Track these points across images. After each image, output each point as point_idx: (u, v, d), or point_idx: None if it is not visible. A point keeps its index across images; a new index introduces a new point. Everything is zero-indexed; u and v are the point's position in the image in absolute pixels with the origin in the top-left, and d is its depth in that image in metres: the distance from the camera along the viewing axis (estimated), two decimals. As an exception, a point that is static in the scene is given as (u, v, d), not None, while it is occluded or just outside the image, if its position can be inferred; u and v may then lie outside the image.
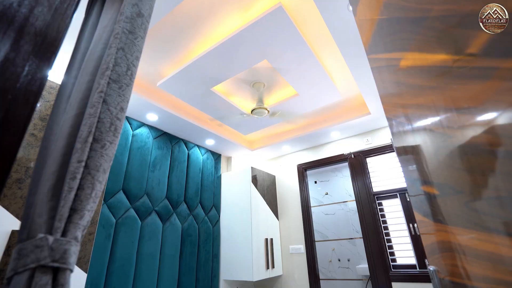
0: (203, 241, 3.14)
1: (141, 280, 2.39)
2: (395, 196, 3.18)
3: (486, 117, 0.32)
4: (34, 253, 0.40)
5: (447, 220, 0.49)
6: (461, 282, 0.49)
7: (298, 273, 3.40)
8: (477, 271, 0.40)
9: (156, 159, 2.87)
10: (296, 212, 3.69)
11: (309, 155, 3.85)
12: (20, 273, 0.39)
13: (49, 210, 0.43)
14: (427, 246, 0.68)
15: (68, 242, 0.43)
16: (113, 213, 2.34)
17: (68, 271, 0.42)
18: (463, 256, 0.45)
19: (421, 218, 0.69)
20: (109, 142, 0.53)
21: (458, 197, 0.41)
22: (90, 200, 0.47)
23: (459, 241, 0.45)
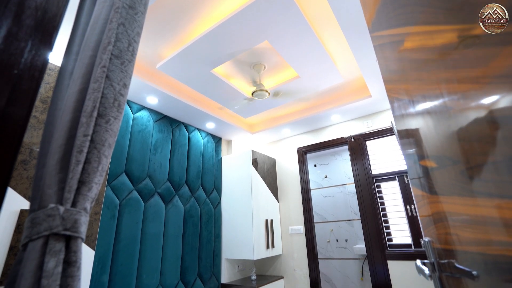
0: (205, 222, 3.22)
1: (146, 259, 2.47)
2: (394, 179, 3.22)
3: (489, 100, 0.32)
4: (46, 221, 0.42)
5: (443, 191, 0.51)
6: (453, 249, 0.52)
7: (297, 252, 3.51)
8: (469, 236, 0.42)
9: (157, 142, 2.89)
10: (296, 195, 3.75)
11: (309, 138, 3.86)
12: (35, 240, 0.41)
13: (58, 182, 0.45)
14: (423, 219, 0.71)
15: (78, 213, 0.45)
16: (117, 195, 2.39)
17: (79, 240, 0.44)
18: (456, 224, 0.47)
19: (419, 192, 0.71)
20: (113, 118, 0.53)
21: (454, 168, 0.42)
22: (97, 173, 0.49)
23: (453, 210, 0.47)
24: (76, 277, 0.42)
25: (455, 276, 0.54)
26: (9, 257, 1.29)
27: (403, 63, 0.60)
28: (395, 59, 0.66)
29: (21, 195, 1.39)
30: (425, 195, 0.64)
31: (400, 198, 3.11)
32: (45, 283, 0.39)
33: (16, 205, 1.37)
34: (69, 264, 0.42)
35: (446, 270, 0.58)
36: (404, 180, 3.16)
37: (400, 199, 3.10)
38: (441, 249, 0.58)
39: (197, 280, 2.94)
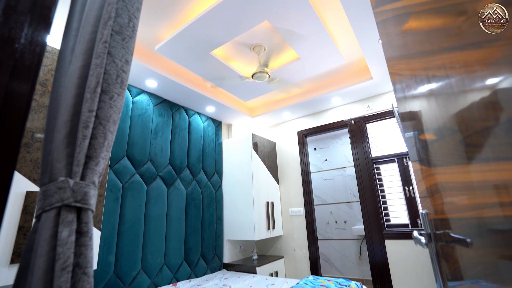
0: (207, 204, 3.28)
1: (150, 240, 2.54)
2: (393, 161, 3.25)
3: (494, 81, 0.32)
4: (57, 193, 0.43)
5: (441, 162, 0.52)
6: (448, 217, 0.54)
7: (297, 233, 3.60)
8: (464, 202, 0.44)
9: (158, 126, 2.89)
10: (296, 178, 3.80)
11: (309, 121, 3.86)
12: (48, 211, 0.43)
13: (66, 157, 0.46)
14: (421, 193, 0.73)
15: (87, 186, 0.46)
16: (119, 178, 2.42)
17: (90, 211, 0.46)
18: (453, 192, 0.49)
19: (418, 167, 0.72)
20: (116, 94, 0.54)
21: (453, 137, 0.43)
22: (104, 148, 0.50)
23: (450, 179, 0.49)
24: (89, 246, 0.44)
25: (449, 245, 0.56)
26: (19, 236, 1.33)
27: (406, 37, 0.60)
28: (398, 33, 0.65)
29: (26, 177, 1.41)
30: (423, 169, 0.66)
31: (399, 180, 3.15)
32: (60, 250, 0.40)
33: (22, 187, 1.39)
34: (81, 234, 0.44)
35: (441, 239, 0.60)
36: (403, 162, 3.19)
37: (398, 181, 3.14)
38: (437, 220, 0.61)
39: (200, 260, 3.04)
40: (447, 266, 0.58)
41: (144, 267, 2.45)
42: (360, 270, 4.16)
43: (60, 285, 0.39)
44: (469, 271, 0.48)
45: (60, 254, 0.40)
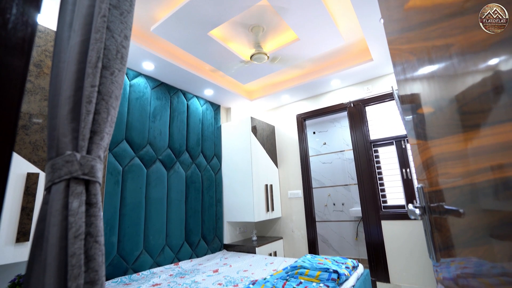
0: (207, 187, 3.32)
1: (151, 221, 2.59)
2: (391, 144, 3.28)
3: (493, 46, 0.32)
4: (65, 167, 0.44)
5: (437, 134, 0.54)
6: (442, 189, 0.56)
7: (296, 215, 3.68)
8: (458, 171, 0.46)
9: (156, 109, 2.87)
10: (294, 161, 3.83)
11: (308, 105, 3.85)
12: (57, 183, 0.44)
13: (72, 131, 0.46)
14: (418, 168, 0.75)
15: (94, 159, 0.47)
16: (119, 161, 2.43)
17: (97, 184, 0.47)
18: (448, 163, 0.50)
19: (415, 142, 0.74)
20: (117, 70, 0.54)
21: (450, 107, 0.44)
22: (107, 124, 0.50)
23: (446, 150, 0.50)
24: (99, 216, 0.46)
25: (443, 217, 0.58)
26: (22, 216, 1.35)
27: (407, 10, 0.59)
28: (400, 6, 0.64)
29: (26, 159, 1.42)
30: (420, 143, 0.67)
31: (397, 162, 3.19)
32: (71, 220, 0.42)
33: (23, 168, 1.40)
34: (91, 205, 0.45)
35: (435, 211, 0.63)
36: (401, 145, 3.21)
37: (396, 163, 3.19)
38: (432, 192, 0.63)
39: (201, 241, 3.12)
40: (439, 236, 0.61)
41: (147, 248, 2.52)
42: (357, 250, 4.29)
43: (74, 251, 0.41)
44: (460, 238, 0.51)
45: (72, 223, 0.42)
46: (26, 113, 1.48)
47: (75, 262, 0.41)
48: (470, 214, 0.44)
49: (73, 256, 0.41)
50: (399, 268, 2.84)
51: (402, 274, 2.81)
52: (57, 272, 0.40)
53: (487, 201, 0.36)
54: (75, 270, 0.41)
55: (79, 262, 0.41)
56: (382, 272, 2.93)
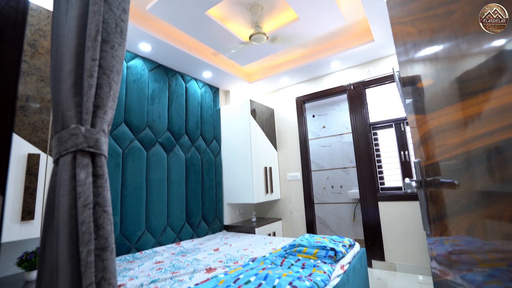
0: (206, 170, 3.36)
1: (153, 203, 2.64)
2: (390, 126, 3.29)
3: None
4: (71, 139, 0.45)
5: (436, 106, 0.55)
6: (439, 161, 0.57)
7: (294, 197, 3.75)
8: (455, 141, 0.47)
9: (154, 92, 2.85)
10: (294, 144, 3.85)
11: (308, 87, 3.82)
12: (64, 156, 0.45)
13: (75, 106, 0.47)
14: (415, 143, 0.76)
15: (98, 133, 0.48)
16: (119, 144, 2.44)
17: (103, 157, 0.48)
18: (446, 134, 0.52)
19: (413, 118, 0.75)
20: (117, 44, 0.53)
21: (450, 76, 0.44)
22: (110, 98, 0.50)
23: (444, 121, 0.51)
24: (106, 187, 0.47)
25: (438, 190, 0.60)
26: (26, 196, 1.38)
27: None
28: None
29: (26, 140, 1.43)
30: (419, 118, 0.68)
31: (395, 145, 3.22)
32: (80, 190, 0.43)
33: (23, 149, 1.41)
34: (97, 177, 0.47)
35: (431, 185, 0.65)
36: (400, 128, 3.23)
37: (395, 146, 3.21)
38: (428, 166, 0.65)
39: (201, 222, 3.19)
40: (434, 208, 0.64)
41: (149, 228, 2.58)
42: (354, 231, 4.41)
43: (84, 219, 0.42)
44: (453, 207, 0.53)
45: (81, 193, 0.43)
46: (23, 94, 1.47)
47: (85, 229, 0.43)
48: (464, 182, 0.46)
49: (83, 223, 0.43)
50: (394, 247, 2.93)
51: (396, 253, 2.91)
52: (69, 237, 0.42)
53: (481, 166, 0.38)
54: (85, 236, 0.42)
55: (89, 229, 0.43)
56: (377, 251, 3.03)
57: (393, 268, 2.90)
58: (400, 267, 2.86)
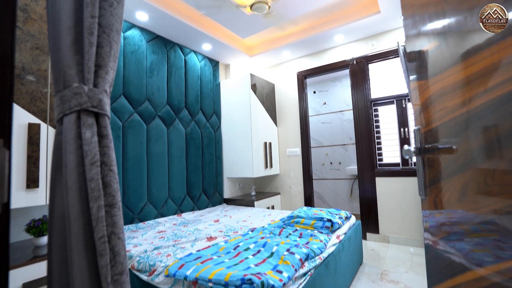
0: (206, 144, 3.38)
1: (154, 175, 2.68)
2: (392, 103, 3.26)
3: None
4: (74, 98, 0.45)
5: (439, 69, 0.54)
6: (438, 125, 0.58)
7: (293, 172, 3.81)
8: (456, 101, 0.48)
9: (153, 64, 2.78)
10: (294, 120, 3.84)
11: (310, 62, 3.73)
12: (68, 115, 0.45)
13: (76, 64, 0.46)
14: (416, 112, 0.77)
15: (101, 93, 0.48)
16: (119, 117, 2.43)
17: (106, 117, 0.49)
18: (448, 96, 0.52)
19: (416, 85, 0.74)
20: (116, 2, 0.51)
21: (457, 35, 0.44)
22: (111, 58, 0.50)
23: (446, 84, 0.51)
24: (111, 147, 0.48)
25: (436, 156, 0.62)
26: (29, 165, 1.40)
27: None
28: None
29: (25, 109, 1.42)
30: (422, 83, 0.68)
31: (396, 121, 3.21)
32: (86, 148, 0.44)
33: (23, 119, 1.41)
34: (102, 137, 0.47)
35: (429, 151, 0.66)
36: (402, 104, 3.21)
37: (395, 122, 3.21)
38: (428, 132, 0.65)
39: (202, 195, 3.26)
40: (430, 172, 0.65)
41: (150, 200, 2.65)
42: (350, 206, 4.53)
43: (92, 176, 0.44)
44: (449, 168, 0.55)
45: (87, 152, 0.44)
46: (19, 62, 1.44)
47: (94, 186, 0.44)
48: (462, 143, 0.47)
49: (92, 180, 0.44)
50: (389, 221, 3.04)
51: (390, 227, 3.02)
52: (79, 193, 0.43)
53: (479, 123, 0.38)
54: (95, 193, 0.44)
55: (98, 186, 0.44)
56: (372, 224, 3.14)
57: (387, 240, 3.03)
58: (393, 239, 2.98)
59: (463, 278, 0.57)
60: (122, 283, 0.48)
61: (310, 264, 1.43)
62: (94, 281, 0.45)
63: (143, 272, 1.55)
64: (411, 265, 2.37)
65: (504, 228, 0.38)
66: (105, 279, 0.45)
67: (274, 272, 1.23)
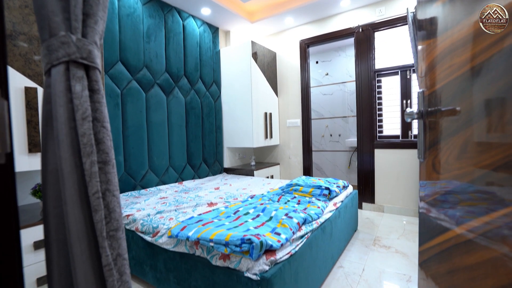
0: (206, 114, 3.35)
1: (154, 144, 2.70)
2: (396, 74, 3.18)
3: None
4: (62, 48, 0.43)
5: (451, 23, 0.51)
6: (443, 85, 0.57)
7: (293, 143, 3.82)
8: (463, 58, 0.46)
9: (150, 29, 2.66)
10: (295, 91, 3.77)
11: (313, 29, 3.57)
12: (56, 66, 0.43)
13: (62, 11, 0.43)
14: (421, 74, 0.74)
15: (91, 44, 0.45)
16: (117, 84, 2.38)
17: (97, 71, 0.47)
18: (457, 52, 0.50)
19: (424, 45, 0.71)
20: None
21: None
22: (100, 6, 0.47)
23: (456, 39, 0.49)
24: (103, 103, 0.47)
25: (438, 119, 0.61)
26: (29, 129, 1.40)
27: None
28: None
29: (20, 72, 1.38)
30: (429, 43, 0.65)
31: (398, 93, 3.15)
32: (77, 102, 0.43)
33: (19, 82, 1.38)
34: (94, 91, 0.46)
35: (432, 114, 0.65)
36: (406, 75, 3.13)
37: (397, 94, 3.16)
38: (432, 93, 0.64)
39: (202, 164, 3.31)
40: (431, 134, 0.65)
41: (152, 167, 2.69)
42: (348, 177, 4.61)
43: (84, 131, 0.43)
44: (451, 127, 0.54)
45: (78, 106, 0.43)
46: (9, 21, 1.37)
47: (87, 141, 0.44)
48: (466, 100, 0.46)
49: (84, 135, 0.43)
50: (385, 192, 3.11)
51: (386, 197, 3.10)
52: (71, 148, 0.43)
53: (488, 76, 0.37)
54: (87, 148, 0.44)
55: (90, 141, 0.44)
56: (368, 194, 3.22)
57: (381, 209, 3.12)
58: (388, 209, 3.07)
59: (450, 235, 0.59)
60: (118, 239, 0.50)
61: (307, 227, 1.49)
62: (91, 235, 0.46)
63: (147, 234, 1.62)
64: (403, 232, 2.47)
65: (499, 181, 0.39)
66: (100, 234, 0.46)
67: (272, 234, 1.28)
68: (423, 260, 0.80)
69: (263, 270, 1.12)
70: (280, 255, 1.19)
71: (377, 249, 2.13)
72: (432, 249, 0.71)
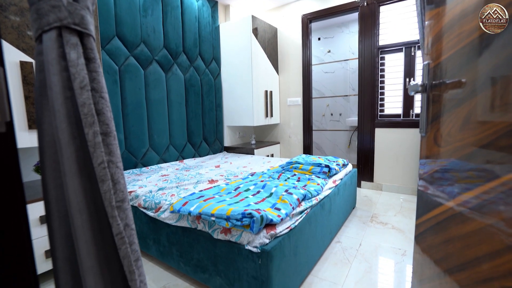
0: (206, 92, 3.30)
1: (154, 122, 2.68)
2: (400, 50, 3.09)
3: None
4: (53, 12, 0.41)
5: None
6: (449, 55, 0.55)
7: (293, 122, 3.80)
8: (472, 25, 0.44)
9: (146, 2, 2.55)
10: (296, 69, 3.69)
11: (316, 3, 3.42)
12: (47, 32, 0.42)
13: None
14: (427, 45, 0.72)
15: (83, 9, 0.43)
16: (114, 60, 2.33)
17: (91, 38, 0.45)
18: (468, 17, 0.48)
19: (433, 13, 0.68)
20: None
21: None
22: (92, -32, 0.44)
23: (466, 5, 0.47)
24: (100, 72, 0.46)
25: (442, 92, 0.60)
26: (28, 105, 1.38)
27: None
28: None
29: (14, 46, 1.34)
30: (439, 10, 0.62)
31: (402, 71, 3.09)
32: (73, 71, 0.42)
33: (14, 56, 1.35)
34: (89, 60, 0.45)
35: (436, 88, 0.64)
36: (410, 52, 3.04)
37: (401, 72, 3.09)
38: (437, 65, 0.62)
39: (202, 142, 3.31)
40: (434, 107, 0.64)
41: (152, 146, 2.70)
42: (348, 156, 4.64)
43: (83, 101, 0.42)
44: (456, 99, 0.53)
45: (75, 74, 0.42)
46: (-1, -8, 1.31)
47: (87, 111, 0.43)
48: (474, 68, 0.44)
49: (84, 105, 0.43)
50: (384, 171, 3.14)
51: (385, 175, 3.13)
52: (67, 118, 0.42)
53: (496, 44, 0.36)
54: (88, 118, 0.43)
55: (91, 111, 0.43)
56: (367, 173, 3.25)
57: (380, 188, 3.17)
58: (386, 187, 3.12)
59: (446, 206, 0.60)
60: (125, 210, 0.50)
61: (307, 203, 1.52)
62: (92, 206, 0.47)
63: (149, 210, 1.65)
64: (400, 210, 2.53)
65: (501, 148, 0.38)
66: (109, 204, 0.47)
67: (272, 209, 1.31)
68: (419, 232, 0.83)
69: (264, 243, 1.15)
70: (280, 229, 1.23)
71: (374, 225, 2.19)
72: (429, 221, 0.73)
